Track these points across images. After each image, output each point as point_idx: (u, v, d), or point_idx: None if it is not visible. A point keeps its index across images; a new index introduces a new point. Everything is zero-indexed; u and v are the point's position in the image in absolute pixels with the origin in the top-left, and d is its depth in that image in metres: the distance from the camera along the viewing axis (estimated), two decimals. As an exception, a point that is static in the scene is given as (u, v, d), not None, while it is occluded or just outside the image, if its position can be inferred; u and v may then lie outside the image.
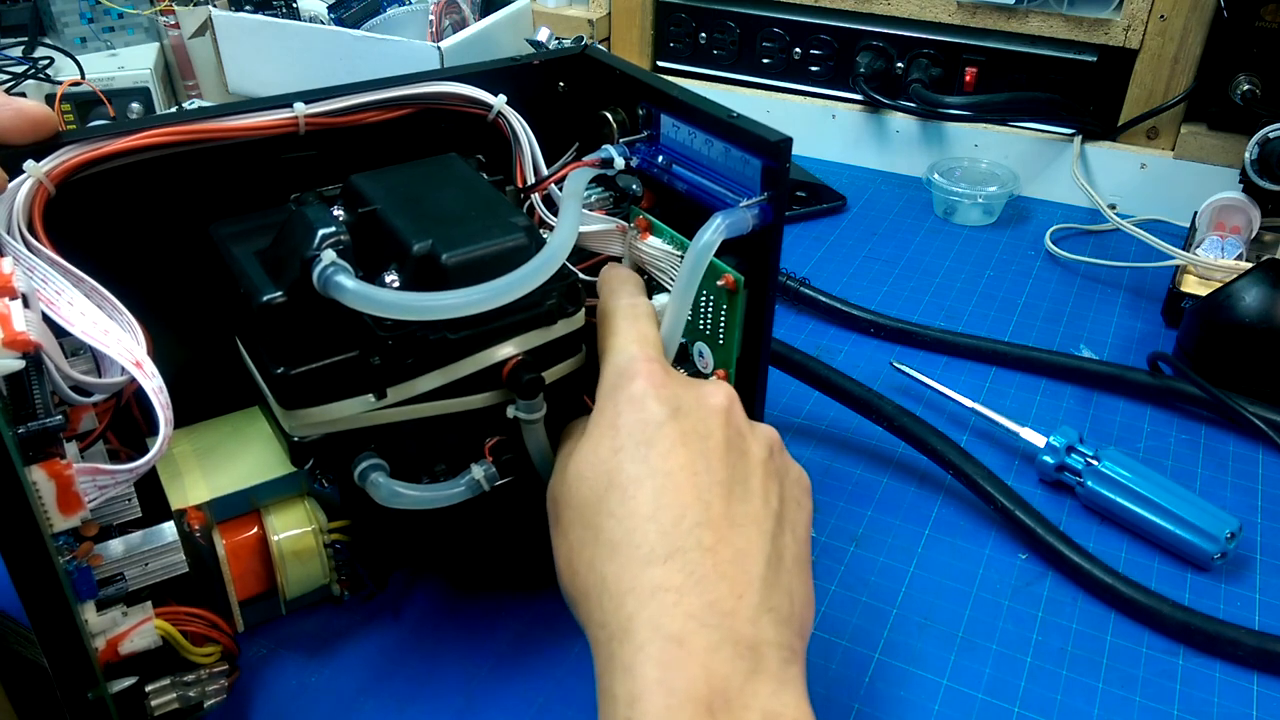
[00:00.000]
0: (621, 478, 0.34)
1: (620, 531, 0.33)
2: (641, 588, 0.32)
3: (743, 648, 0.31)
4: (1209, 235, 0.73)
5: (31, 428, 0.30)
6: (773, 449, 0.37)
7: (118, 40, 0.95)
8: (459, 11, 0.92)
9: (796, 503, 0.37)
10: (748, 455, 0.36)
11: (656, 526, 0.32)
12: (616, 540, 0.33)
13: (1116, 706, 0.44)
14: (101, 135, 0.37)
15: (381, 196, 0.39)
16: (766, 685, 0.31)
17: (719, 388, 0.37)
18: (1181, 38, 0.80)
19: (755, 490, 0.35)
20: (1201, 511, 0.51)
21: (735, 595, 0.32)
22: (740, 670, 0.30)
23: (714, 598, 0.31)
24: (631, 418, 0.35)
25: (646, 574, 0.32)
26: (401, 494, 0.38)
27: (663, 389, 0.36)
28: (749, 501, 0.34)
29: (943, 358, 0.67)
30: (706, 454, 0.34)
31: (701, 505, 0.33)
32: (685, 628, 0.31)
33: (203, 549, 0.39)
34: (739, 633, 0.31)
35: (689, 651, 0.30)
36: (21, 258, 0.33)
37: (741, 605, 0.32)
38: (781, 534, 0.35)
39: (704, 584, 0.32)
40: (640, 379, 0.36)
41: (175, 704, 0.38)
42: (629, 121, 0.46)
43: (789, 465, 0.38)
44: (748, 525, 0.34)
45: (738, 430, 0.36)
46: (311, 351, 0.36)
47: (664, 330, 0.39)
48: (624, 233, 0.44)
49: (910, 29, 0.90)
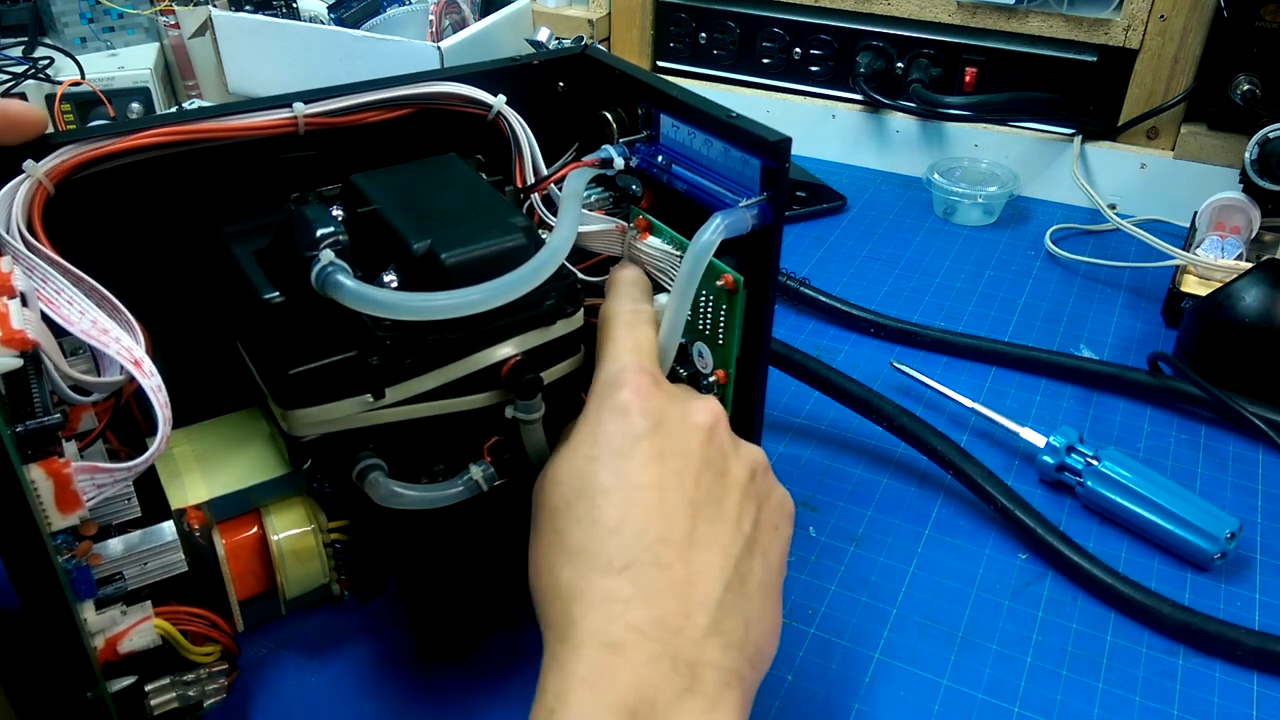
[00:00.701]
0: (592, 487, 0.34)
1: (583, 539, 0.33)
2: (591, 595, 0.32)
3: (681, 665, 0.31)
4: (1209, 235, 0.73)
5: (30, 426, 0.30)
6: (755, 471, 0.37)
7: (118, 40, 0.95)
8: (459, 11, 0.92)
9: (774, 528, 0.36)
10: (726, 476, 0.35)
11: (618, 539, 0.33)
12: (578, 547, 0.33)
13: (1116, 706, 0.44)
14: (101, 135, 0.37)
15: (381, 196, 0.39)
16: (697, 704, 0.30)
17: (706, 405, 0.37)
18: (1181, 38, 0.80)
19: (728, 512, 0.35)
20: (1201, 511, 0.51)
21: (684, 614, 0.32)
22: (673, 685, 0.30)
23: (661, 614, 0.31)
24: (612, 427, 0.35)
25: (599, 583, 0.32)
26: (400, 494, 0.38)
27: (648, 401, 0.35)
28: (719, 523, 0.34)
29: (943, 358, 0.67)
30: (681, 472, 0.34)
31: (665, 522, 0.33)
32: (625, 638, 0.31)
33: (202, 548, 0.39)
34: (680, 650, 0.31)
35: (624, 660, 0.30)
36: (21, 257, 0.33)
37: (689, 625, 0.32)
38: (749, 559, 0.34)
39: (653, 599, 0.31)
40: (627, 389, 0.36)
41: (175, 703, 0.38)
42: (629, 121, 0.46)
43: (772, 489, 0.38)
44: (711, 547, 0.33)
45: (719, 449, 0.36)
46: (310, 351, 0.36)
47: (663, 331, 0.39)
48: (623, 233, 0.44)
49: (910, 29, 0.90)
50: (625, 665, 0.30)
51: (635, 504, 0.33)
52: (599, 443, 0.35)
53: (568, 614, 0.32)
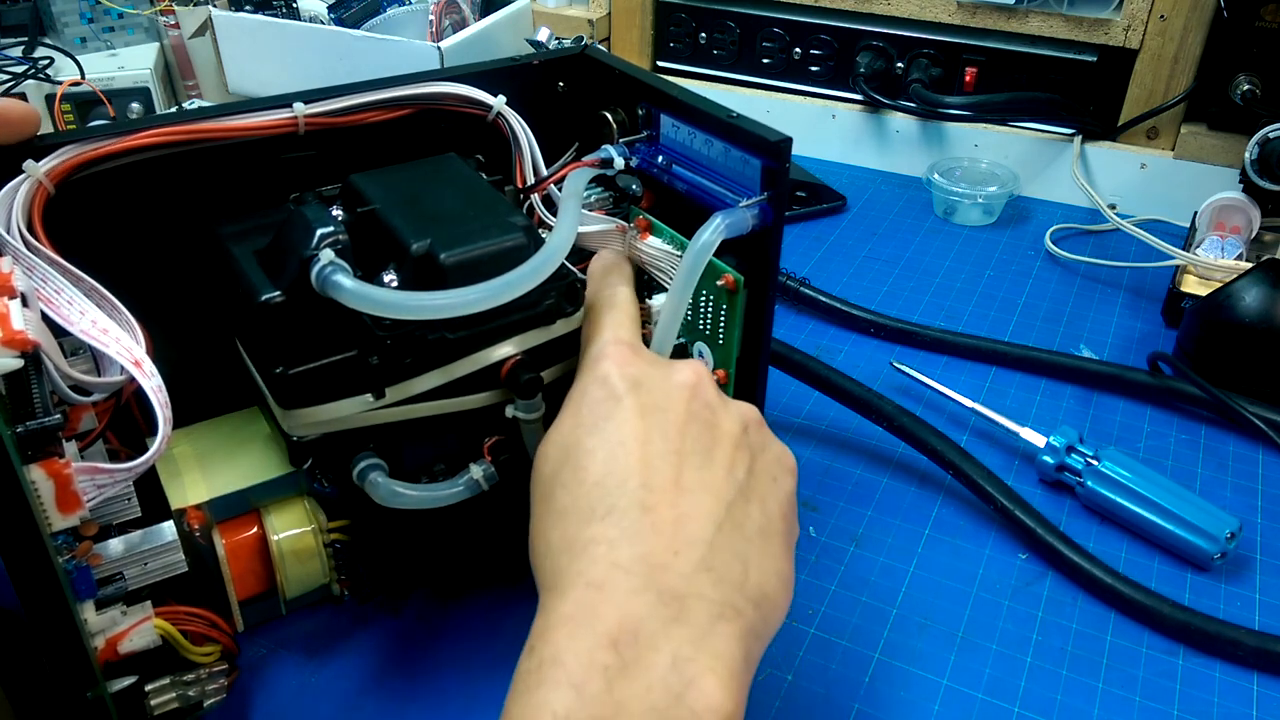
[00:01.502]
0: (577, 451, 0.34)
1: (569, 499, 0.33)
2: (576, 544, 0.32)
3: (667, 596, 0.30)
4: (1209, 235, 0.73)
5: (30, 426, 0.30)
6: (748, 425, 0.36)
7: (118, 40, 0.95)
8: (459, 11, 0.92)
9: (772, 478, 0.36)
10: (715, 428, 0.35)
11: (600, 489, 0.33)
12: (565, 507, 0.33)
13: (1116, 706, 0.44)
14: (101, 135, 0.37)
15: (380, 196, 0.39)
16: (685, 632, 0.30)
17: (688, 365, 0.37)
18: (1181, 38, 0.80)
19: (719, 460, 0.34)
20: (1201, 511, 0.51)
21: (671, 551, 0.31)
22: (659, 616, 0.30)
23: (645, 551, 0.31)
24: (594, 394, 0.35)
25: (584, 531, 0.32)
26: (400, 494, 0.38)
27: (627, 366, 0.36)
28: (708, 470, 0.34)
29: (943, 358, 0.67)
30: (664, 425, 0.34)
31: (648, 470, 0.33)
32: (609, 575, 0.31)
33: (202, 548, 0.39)
34: (666, 584, 0.31)
35: (606, 595, 0.30)
36: (21, 257, 0.33)
37: (677, 561, 0.31)
38: (745, 503, 0.34)
39: (637, 538, 0.31)
40: (607, 360, 0.36)
41: (175, 703, 0.38)
42: (629, 121, 0.46)
43: (768, 442, 0.37)
44: (699, 491, 0.33)
45: (705, 404, 0.36)
46: (310, 351, 0.36)
47: (659, 329, 0.39)
48: (623, 233, 0.44)
49: (910, 29, 0.90)
50: (607, 600, 0.30)
51: (617, 456, 0.33)
52: (581, 413, 0.35)
53: (556, 565, 0.32)
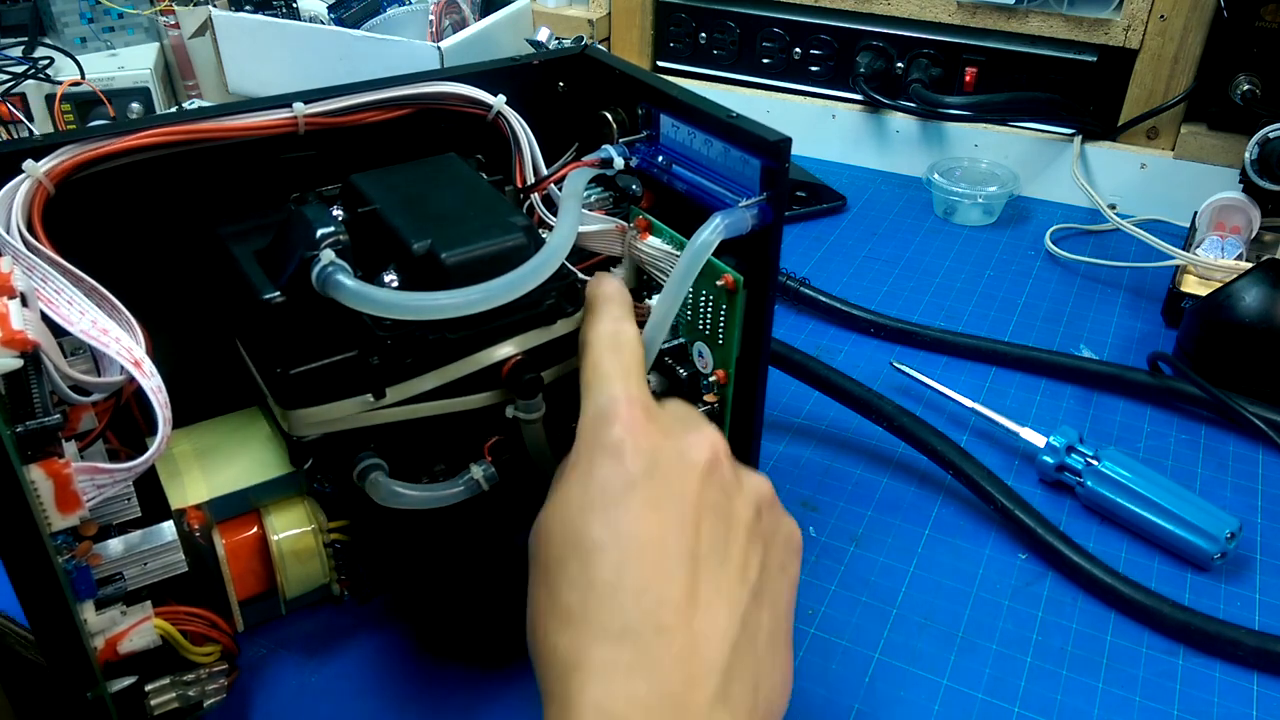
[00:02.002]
0: (586, 542, 0.32)
1: (577, 602, 0.31)
2: (589, 664, 0.30)
3: None
4: (1209, 235, 0.73)
5: (30, 426, 0.30)
6: (761, 507, 0.35)
7: (118, 40, 0.95)
8: (459, 11, 0.92)
9: (781, 568, 0.35)
10: (730, 518, 0.33)
11: (614, 603, 0.31)
12: (572, 610, 0.31)
13: (1116, 706, 0.44)
14: (101, 135, 0.37)
15: (381, 196, 0.39)
16: None
17: (704, 438, 0.34)
18: (1181, 38, 0.80)
19: (733, 559, 0.33)
20: (1201, 511, 0.51)
21: (688, 683, 0.30)
22: None
23: (665, 685, 0.30)
24: (604, 472, 0.33)
25: (596, 650, 0.30)
26: (401, 494, 0.38)
27: (642, 439, 0.33)
28: (724, 571, 0.32)
29: (943, 358, 0.67)
30: (681, 520, 0.32)
31: (666, 580, 0.31)
32: (626, 712, 0.29)
33: (202, 548, 0.39)
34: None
35: None
36: (21, 257, 0.33)
37: (694, 696, 0.30)
38: (757, 610, 0.33)
39: (655, 669, 0.30)
40: (619, 425, 0.33)
41: (175, 703, 0.38)
42: (629, 121, 0.46)
43: (779, 523, 0.36)
44: (716, 604, 0.31)
45: (721, 489, 0.34)
46: (311, 351, 0.36)
47: (649, 327, 0.39)
48: (623, 233, 0.44)
49: (910, 29, 0.90)
50: None
51: (631, 561, 0.31)
52: (590, 490, 0.33)
53: (566, 684, 0.30)
